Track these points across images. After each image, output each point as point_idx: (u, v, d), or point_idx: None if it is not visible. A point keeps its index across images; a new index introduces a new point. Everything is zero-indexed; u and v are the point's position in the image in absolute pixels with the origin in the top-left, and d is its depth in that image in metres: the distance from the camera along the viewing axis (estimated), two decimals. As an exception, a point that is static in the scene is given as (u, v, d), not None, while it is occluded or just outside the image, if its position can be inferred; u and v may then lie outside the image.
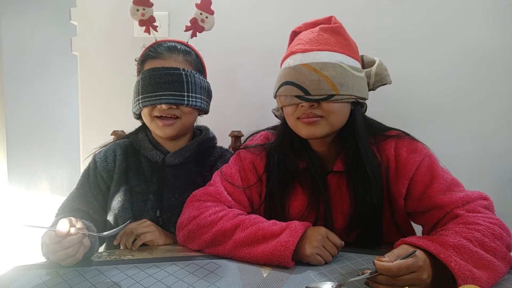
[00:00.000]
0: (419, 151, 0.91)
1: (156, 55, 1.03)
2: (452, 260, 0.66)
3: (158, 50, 1.03)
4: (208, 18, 1.13)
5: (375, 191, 0.88)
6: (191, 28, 1.12)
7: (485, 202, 0.83)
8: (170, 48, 1.04)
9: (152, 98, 0.99)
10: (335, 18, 0.93)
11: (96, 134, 1.46)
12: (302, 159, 0.96)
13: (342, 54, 0.87)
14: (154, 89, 0.99)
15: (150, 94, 0.99)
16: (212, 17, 1.13)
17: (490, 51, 1.40)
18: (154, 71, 1.00)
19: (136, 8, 1.09)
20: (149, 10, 1.10)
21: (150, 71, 1.00)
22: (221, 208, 0.92)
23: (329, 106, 0.86)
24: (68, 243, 0.74)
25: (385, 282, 0.66)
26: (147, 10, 1.09)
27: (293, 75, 0.86)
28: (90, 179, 1.06)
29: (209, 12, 1.13)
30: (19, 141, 2.46)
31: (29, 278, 0.74)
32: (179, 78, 1.00)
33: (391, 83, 0.95)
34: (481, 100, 1.42)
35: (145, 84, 1.00)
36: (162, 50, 1.03)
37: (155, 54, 1.03)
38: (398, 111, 1.42)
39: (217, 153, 1.15)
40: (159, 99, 0.99)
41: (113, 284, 0.72)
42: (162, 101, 0.99)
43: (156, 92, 0.99)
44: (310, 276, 0.75)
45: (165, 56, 1.02)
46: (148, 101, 0.99)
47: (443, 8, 1.40)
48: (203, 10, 1.12)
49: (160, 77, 0.99)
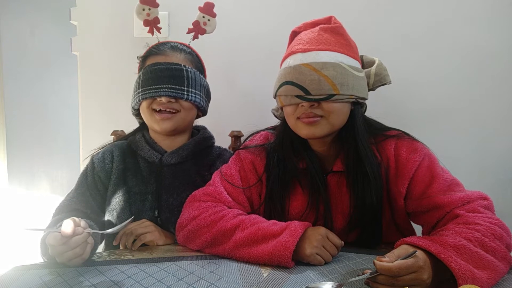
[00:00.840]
0: (419, 151, 0.91)
1: (158, 52, 1.05)
2: (452, 260, 0.66)
3: (161, 48, 1.06)
4: (210, 21, 1.15)
5: (374, 191, 0.88)
6: (193, 31, 1.14)
7: (485, 202, 0.83)
8: (172, 46, 1.07)
9: (152, 90, 1.00)
10: (335, 18, 0.93)
11: (96, 134, 1.46)
12: (302, 159, 0.96)
13: (342, 54, 0.87)
14: (154, 82, 1.00)
15: (150, 87, 1.00)
16: (214, 20, 1.16)
17: (490, 51, 1.40)
18: (156, 65, 1.01)
19: (142, 8, 1.11)
20: (154, 11, 1.12)
21: (152, 65, 1.02)
22: (221, 208, 0.92)
23: (329, 106, 0.86)
24: (74, 243, 0.75)
25: (386, 282, 0.66)
26: (153, 10, 1.11)
27: (294, 74, 0.86)
28: (88, 179, 1.06)
29: (212, 15, 1.15)
30: (19, 141, 2.46)
31: (29, 278, 0.74)
32: (180, 73, 1.01)
33: (390, 83, 0.95)
34: (481, 100, 1.42)
35: (146, 78, 1.01)
36: (165, 48, 1.06)
37: (157, 50, 1.05)
38: (398, 111, 1.42)
39: (216, 152, 1.15)
40: (159, 91, 0.99)
41: (113, 284, 0.72)
42: (162, 93, 0.99)
43: (156, 85, 0.99)
44: (310, 276, 0.75)
45: (167, 53, 1.05)
46: (148, 93, 1.00)
47: (443, 8, 1.40)
48: (205, 13, 1.14)
49: (161, 71, 1.00)
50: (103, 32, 1.48)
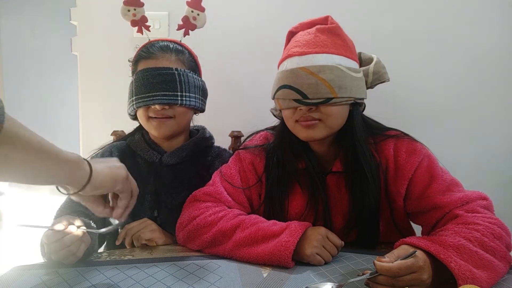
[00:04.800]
0: (418, 151, 0.91)
1: (148, 55, 1.03)
2: (452, 260, 0.66)
3: (151, 50, 1.03)
4: (199, 15, 1.12)
5: (372, 192, 0.88)
6: (183, 27, 1.11)
7: (484, 202, 0.83)
8: (162, 47, 1.04)
9: (145, 99, 0.99)
10: (332, 18, 0.92)
11: (96, 134, 1.46)
12: (301, 160, 0.96)
13: (340, 55, 0.87)
14: (147, 90, 0.99)
15: (144, 95, 0.99)
16: (203, 14, 1.12)
17: (490, 51, 1.40)
18: (147, 71, 1.00)
19: (127, 9, 1.08)
20: (140, 10, 1.09)
21: (143, 71, 1.01)
22: (221, 208, 0.92)
23: (328, 109, 0.86)
24: (68, 241, 0.75)
25: (385, 283, 0.66)
26: (138, 10, 1.08)
27: (291, 78, 0.86)
28: None
29: (200, 9, 1.11)
30: (19, 141, 2.46)
31: (29, 278, 0.74)
32: (172, 77, 1.00)
33: (389, 80, 0.94)
34: (481, 100, 1.42)
35: (138, 84, 1.00)
36: (155, 50, 1.03)
37: (147, 54, 1.03)
38: (398, 111, 1.42)
39: (215, 153, 1.15)
40: (152, 100, 0.99)
41: (113, 284, 0.72)
42: (155, 101, 0.99)
43: (149, 93, 0.99)
44: (310, 276, 0.75)
45: (157, 56, 1.02)
46: (142, 101, 1.00)
47: (443, 8, 1.40)
48: (194, 7, 1.11)
49: (152, 77, 0.99)
50: (103, 32, 1.48)
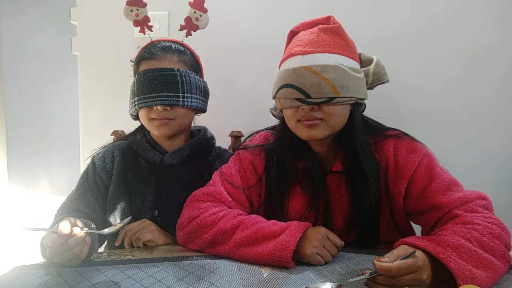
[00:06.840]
0: (418, 151, 0.91)
1: (150, 56, 1.03)
2: (451, 260, 0.66)
3: (153, 51, 1.03)
4: (202, 16, 1.12)
5: (372, 191, 0.89)
6: (185, 27, 1.12)
7: (483, 202, 0.84)
8: (164, 48, 1.04)
9: (147, 99, 0.99)
10: (334, 18, 0.92)
11: (96, 134, 1.46)
12: (301, 159, 0.96)
13: (342, 55, 0.87)
14: (149, 91, 0.99)
15: (146, 96, 0.99)
16: (206, 15, 1.12)
17: (490, 51, 1.40)
18: (149, 72, 1.00)
19: (130, 9, 1.08)
20: (143, 11, 1.09)
21: (145, 72, 1.01)
22: (221, 208, 0.92)
23: (330, 108, 0.86)
24: (73, 244, 0.75)
25: (385, 283, 0.66)
26: (141, 10, 1.09)
27: (293, 77, 0.86)
28: (89, 180, 1.06)
29: (203, 10, 1.12)
30: (19, 141, 2.46)
31: (29, 278, 0.74)
32: (173, 78, 1.00)
33: (388, 81, 0.95)
34: (481, 101, 1.42)
35: (140, 85, 1.00)
36: (156, 51, 1.03)
37: (149, 55, 1.03)
38: (398, 112, 1.42)
39: (215, 153, 1.15)
40: (154, 101, 0.99)
41: (113, 284, 0.72)
42: (157, 102, 0.99)
43: (151, 94, 0.99)
44: (310, 276, 0.75)
45: (159, 57, 1.02)
46: (144, 102, 1.00)
47: (443, 9, 1.40)
48: (196, 8, 1.11)
49: (154, 78, 0.99)
50: (103, 32, 1.48)
